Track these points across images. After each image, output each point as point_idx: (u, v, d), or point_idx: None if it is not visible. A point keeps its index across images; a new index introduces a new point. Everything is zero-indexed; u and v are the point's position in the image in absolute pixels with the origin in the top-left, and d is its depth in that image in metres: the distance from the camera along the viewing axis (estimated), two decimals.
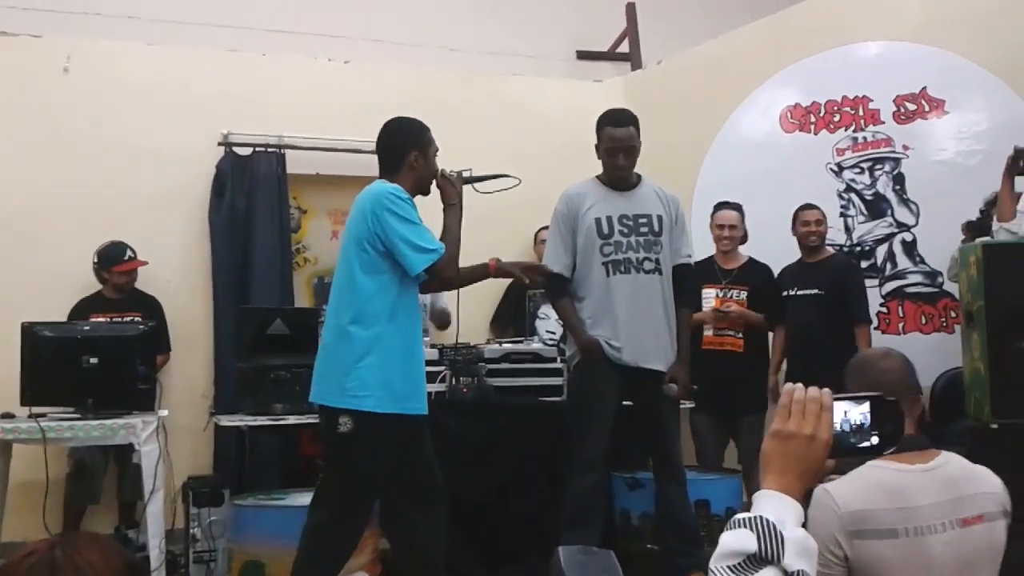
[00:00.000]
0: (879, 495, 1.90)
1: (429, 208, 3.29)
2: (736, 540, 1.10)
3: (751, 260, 5.01)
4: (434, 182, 3.27)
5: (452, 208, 3.23)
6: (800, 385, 1.22)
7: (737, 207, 5.02)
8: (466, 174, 3.33)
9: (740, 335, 4.86)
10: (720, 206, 5.00)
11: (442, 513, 3.28)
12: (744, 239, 5.02)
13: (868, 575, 1.89)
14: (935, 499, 1.90)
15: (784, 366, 4.88)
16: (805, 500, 1.18)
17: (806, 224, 4.85)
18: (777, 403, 1.23)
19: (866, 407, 1.26)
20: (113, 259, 4.92)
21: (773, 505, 1.14)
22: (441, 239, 3.14)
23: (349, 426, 2.98)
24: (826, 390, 1.22)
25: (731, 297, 4.91)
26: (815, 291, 4.75)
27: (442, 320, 5.19)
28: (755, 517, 1.12)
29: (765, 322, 4.88)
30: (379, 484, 3.09)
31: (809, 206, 4.89)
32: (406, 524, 3.21)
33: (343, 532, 3.09)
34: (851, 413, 1.25)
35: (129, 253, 4.95)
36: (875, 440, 1.26)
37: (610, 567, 1.49)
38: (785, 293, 4.87)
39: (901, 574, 1.87)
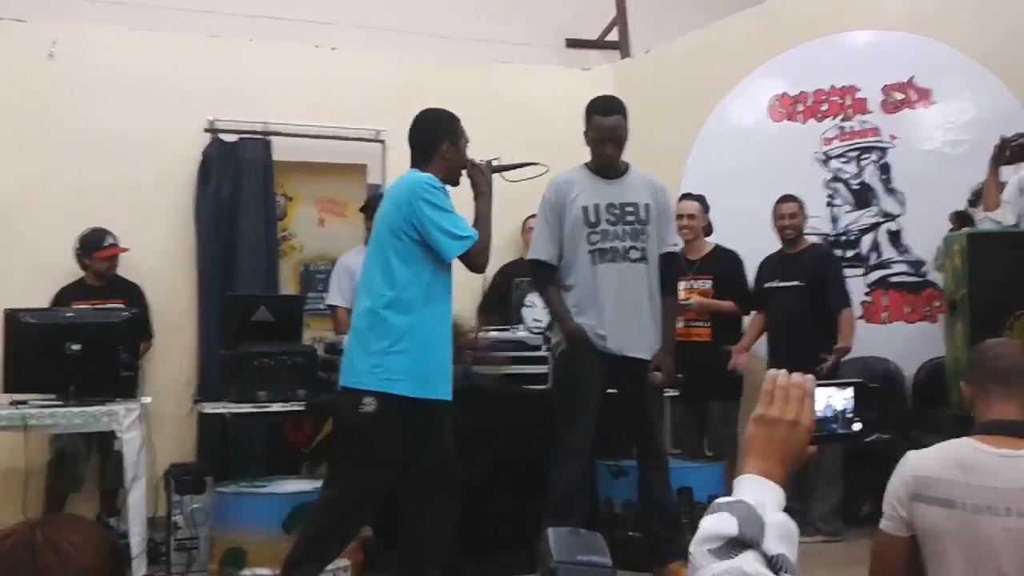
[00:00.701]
0: (950, 466, 2.01)
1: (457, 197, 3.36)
2: (716, 524, 1.10)
3: (717, 247, 5.05)
4: (464, 172, 3.34)
5: (483, 196, 3.29)
6: (784, 371, 1.22)
7: (699, 198, 5.06)
8: (495, 163, 3.40)
9: (708, 324, 4.92)
10: (681, 197, 5.03)
11: (452, 507, 3.29)
12: (708, 231, 5.05)
13: (926, 542, 2.02)
14: (1009, 485, 1.95)
15: (765, 353, 4.90)
16: (787, 484, 1.18)
17: (781, 217, 4.87)
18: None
19: (850, 393, 1.26)
20: (94, 245, 4.89)
21: (754, 489, 1.14)
22: (474, 226, 3.23)
23: (373, 407, 3.03)
24: (809, 376, 1.22)
25: (695, 287, 4.94)
26: (796, 283, 4.76)
27: None
28: (736, 501, 1.12)
29: (736, 308, 4.91)
30: (393, 467, 3.12)
31: (785, 198, 4.89)
32: (414, 512, 3.22)
33: (353, 512, 3.14)
34: (834, 399, 1.26)
35: (110, 239, 4.92)
36: (857, 426, 1.26)
37: (598, 548, 1.49)
38: (767, 285, 4.87)
39: (955, 546, 1.97)
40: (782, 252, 4.91)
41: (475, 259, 3.18)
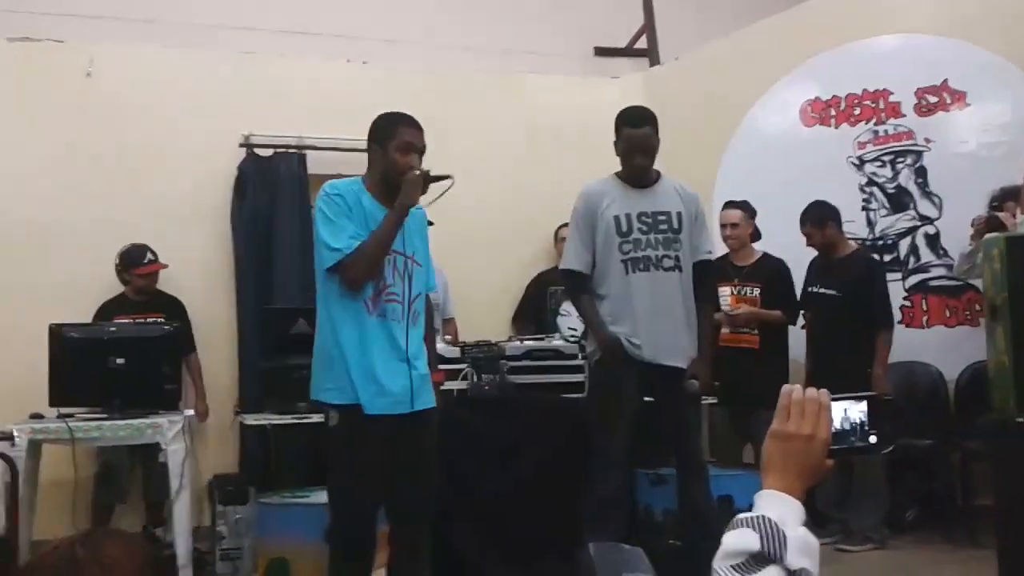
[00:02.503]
0: None
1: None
2: (739, 540, 1.11)
3: (765, 255, 5.01)
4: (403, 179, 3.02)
5: (394, 208, 2.98)
6: (798, 386, 1.23)
7: (742, 205, 5.03)
8: (433, 173, 3.06)
9: (756, 332, 4.89)
10: (724, 205, 5.00)
11: (420, 530, 3.17)
12: (756, 236, 5.02)
13: None
14: None
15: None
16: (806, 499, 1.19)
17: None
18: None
19: (865, 406, 1.27)
20: (134, 261, 4.97)
21: (774, 504, 1.16)
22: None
23: (335, 420, 3.00)
24: (823, 390, 1.23)
25: (744, 294, 4.92)
26: (832, 291, 4.71)
27: None
28: (757, 516, 1.13)
29: (782, 317, 4.87)
30: (361, 479, 3.00)
31: (800, 218, 4.81)
32: (395, 535, 3.18)
33: (346, 527, 3.05)
34: (851, 411, 1.26)
35: (149, 256, 4.99)
36: (873, 439, 1.27)
37: (641, 564, 1.51)
38: (809, 289, 4.84)
39: None
40: (827, 256, 4.83)
41: (343, 272, 2.94)
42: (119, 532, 1.27)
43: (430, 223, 5.13)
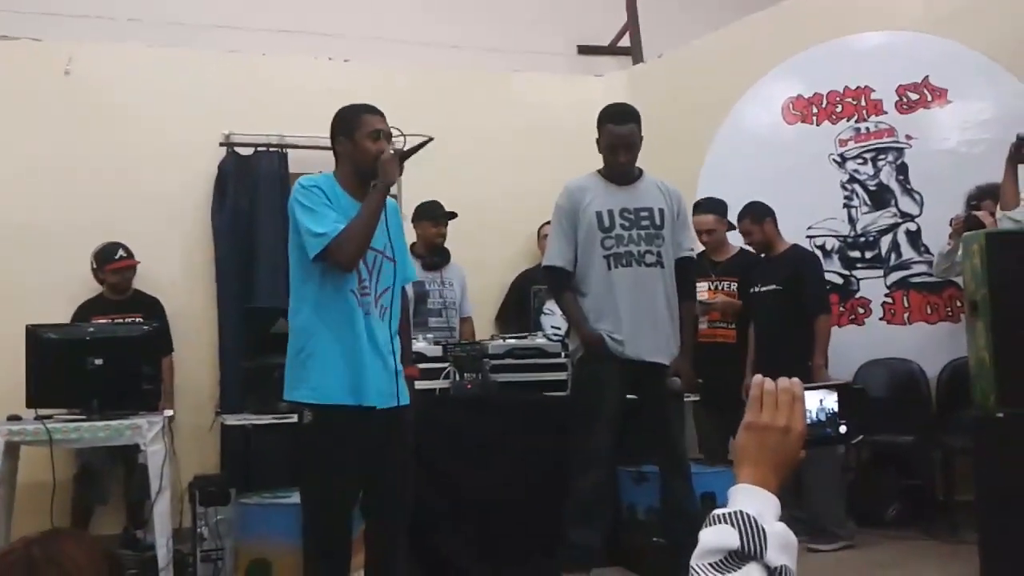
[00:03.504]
0: None
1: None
2: (717, 537, 1.08)
3: (741, 250, 5.05)
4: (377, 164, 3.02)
5: (372, 191, 2.97)
6: (768, 378, 1.21)
7: (713, 207, 5.02)
8: (397, 144, 3.06)
9: (732, 326, 4.90)
10: (695, 209, 4.97)
11: (397, 528, 3.15)
12: (731, 228, 5.04)
13: None
14: None
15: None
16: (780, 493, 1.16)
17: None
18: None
19: (835, 396, 1.26)
20: (106, 258, 4.95)
21: (751, 499, 1.13)
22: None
23: (308, 418, 2.97)
24: (795, 380, 1.21)
25: (721, 289, 4.93)
26: (773, 286, 4.70)
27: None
28: (735, 512, 1.09)
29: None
30: (336, 480, 2.98)
31: (739, 215, 4.82)
32: (371, 535, 3.15)
33: (322, 527, 3.02)
34: (824, 401, 1.25)
35: (121, 252, 4.96)
36: (843, 429, 1.26)
37: None
38: (752, 290, 4.83)
39: None
40: (767, 256, 4.84)
41: (331, 255, 2.91)
42: (75, 531, 1.25)
43: (453, 215, 5.13)
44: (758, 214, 4.78)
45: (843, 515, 4.58)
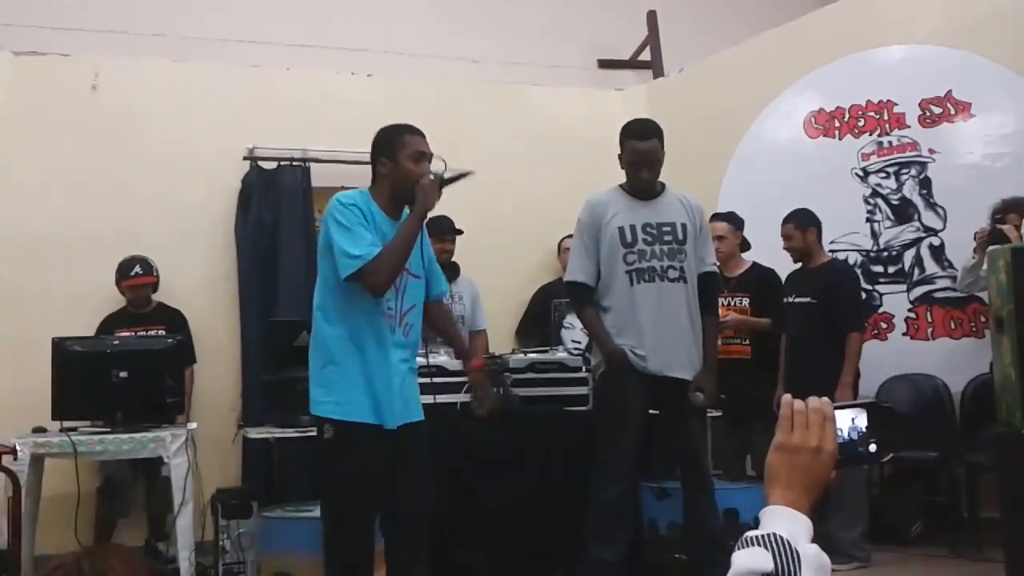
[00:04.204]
0: None
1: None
2: (751, 559, 1.07)
3: (755, 265, 5.01)
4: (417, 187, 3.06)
5: (410, 215, 3.02)
6: (797, 399, 1.20)
7: (728, 217, 5.03)
8: (436, 166, 3.09)
9: (747, 342, 4.88)
10: (711, 218, 4.96)
11: (418, 543, 3.16)
12: (745, 246, 5.03)
13: None
14: None
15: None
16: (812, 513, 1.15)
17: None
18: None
19: (865, 415, 1.24)
20: (123, 274, 4.99)
21: (784, 521, 1.12)
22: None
23: (331, 433, 2.99)
24: (825, 399, 1.19)
25: (733, 305, 4.91)
26: (807, 299, 4.66)
27: None
28: (769, 535, 1.08)
29: (770, 325, 4.85)
30: (356, 495, 2.99)
31: (784, 219, 4.77)
32: (392, 549, 3.16)
33: (344, 541, 3.03)
34: (855, 420, 1.24)
35: (137, 269, 4.99)
36: (873, 448, 1.25)
37: None
38: (785, 300, 4.80)
39: None
40: (803, 267, 4.80)
41: (365, 279, 2.92)
42: (124, 548, 1.26)
43: (460, 231, 5.12)
44: (803, 221, 4.74)
45: (860, 536, 4.53)
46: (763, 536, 1.09)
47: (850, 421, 1.23)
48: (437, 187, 3.02)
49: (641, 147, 3.75)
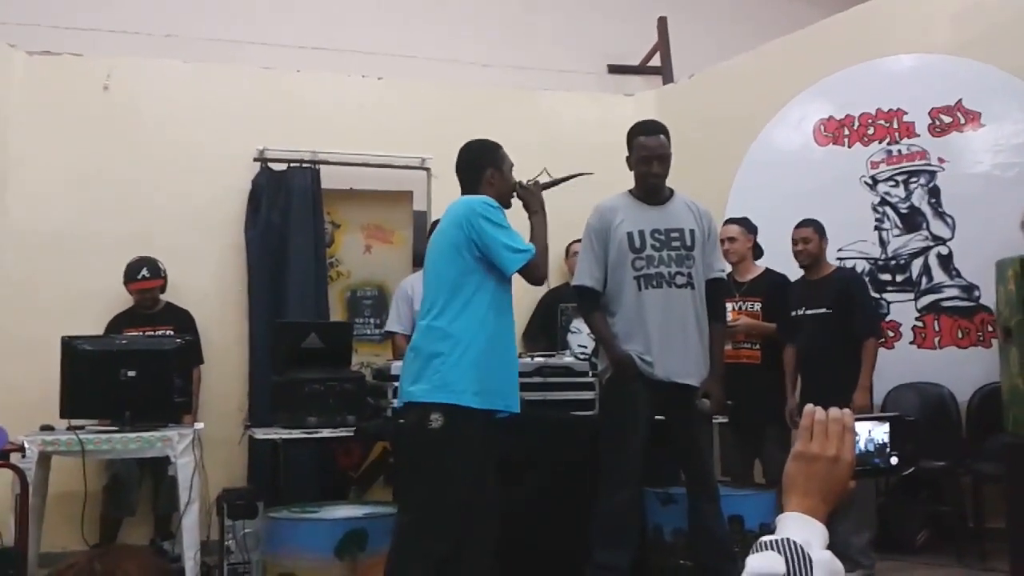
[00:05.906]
0: None
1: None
2: (764, 563, 1.09)
3: (767, 271, 5.00)
4: (514, 195, 3.52)
5: (536, 215, 3.48)
6: (820, 408, 1.21)
7: (741, 221, 5.02)
8: (542, 180, 3.56)
9: (757, 347, 4.86)
10: (724, 222, 4.98)
11: (492, 529, 3.32)
12: (757, 253, 5.02)
13: None
14: None
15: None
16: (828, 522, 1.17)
17: (795, 243, 4.73)
18: (798, 426, 1.23)
19: (887, 427, 1.25)
20: (129, 276, 5.01)
21: (799, 527, 1.14)
22: (530, 242, 3.39)
23: (440, 422, 3.08)
24: (847, 411, 1.21)
25: (744, 309, 4.90)
26: (823, 310, 4.60)
27: None
28: (782, 539, 1.11)
29: (777, 333, 4.84)
30: (468, 484, 3.14)
31: (802, 223, 4.73)
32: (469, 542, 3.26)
33: (433, 532, 3.11)
34: (874, 432, 1.25)
35: (144, 272, 5.01)
36: (894, 460, 1.26)
37: None
38: (794, 313, 4.73)
39: None
40: (805, 279, 4.75)
41: (533, 272, 3.31)
42: (135, 548, 1.27)
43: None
44: (822, 228, 4.73)
45: (867, 544, 4.52)
46: (777, 541, 1.11)
47: (867, 432, 1.24)
48: (539, 189, 3.55)
49: (649, 142, 3.76)
